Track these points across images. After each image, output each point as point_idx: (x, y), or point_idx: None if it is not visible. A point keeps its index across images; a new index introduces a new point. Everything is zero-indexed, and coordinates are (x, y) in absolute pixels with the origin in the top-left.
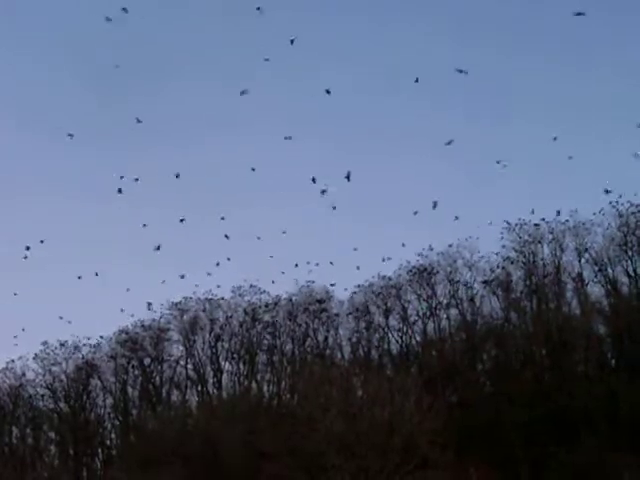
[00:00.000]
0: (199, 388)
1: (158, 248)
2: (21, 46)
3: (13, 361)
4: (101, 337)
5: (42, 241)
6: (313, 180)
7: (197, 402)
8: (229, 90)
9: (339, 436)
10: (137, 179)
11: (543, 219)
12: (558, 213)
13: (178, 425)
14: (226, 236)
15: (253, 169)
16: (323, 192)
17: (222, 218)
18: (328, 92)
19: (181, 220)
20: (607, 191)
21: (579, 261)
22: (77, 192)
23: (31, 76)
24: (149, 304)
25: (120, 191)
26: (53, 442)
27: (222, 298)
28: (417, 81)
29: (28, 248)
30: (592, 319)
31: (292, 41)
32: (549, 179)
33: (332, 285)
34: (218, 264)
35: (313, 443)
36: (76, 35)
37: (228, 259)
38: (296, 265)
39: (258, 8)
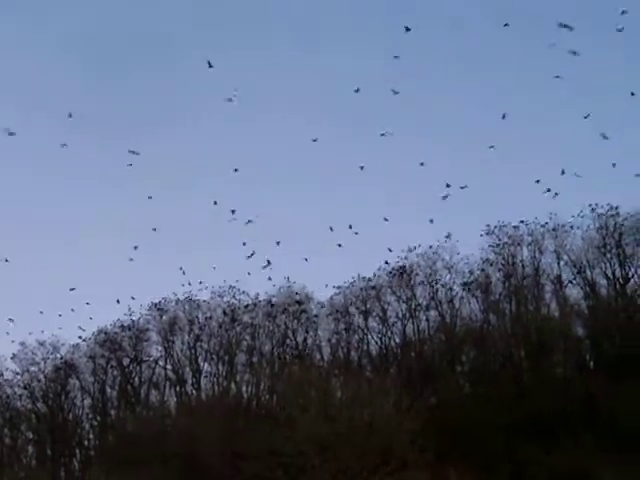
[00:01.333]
0: (178, 388)
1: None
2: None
3: None
4: (80, 337)
5: None
6: None
7: (176, 402)
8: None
9: (318, 437)
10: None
11: (522, 221)
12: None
13: (157, 425)
14: None
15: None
16: None
17: None
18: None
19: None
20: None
21: (558, 263)
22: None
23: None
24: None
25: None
26: (31, 442)
27: (203, 300)
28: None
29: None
30: (571, 321)
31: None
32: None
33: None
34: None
35: (292, 443)
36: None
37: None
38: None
39: None
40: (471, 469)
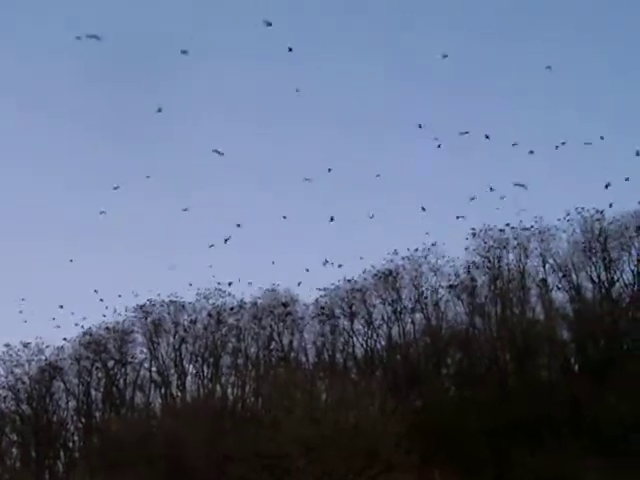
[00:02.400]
0: (163, 390)
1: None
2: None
3: None
4: (65, 339)
5: None
6: None
7: (161, 404)
8: None
9: (303, 439)
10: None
11: (508, 224)
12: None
13: (142, 427)
14: None
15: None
16: None
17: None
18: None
19: None
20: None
21: (543, 267)
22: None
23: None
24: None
25: None
26: (15, 444)
27: (189, 302)
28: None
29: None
30: (556, 325)
31: None
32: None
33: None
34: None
35: (277, 445)
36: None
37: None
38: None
39: None
40: (456, 471)
